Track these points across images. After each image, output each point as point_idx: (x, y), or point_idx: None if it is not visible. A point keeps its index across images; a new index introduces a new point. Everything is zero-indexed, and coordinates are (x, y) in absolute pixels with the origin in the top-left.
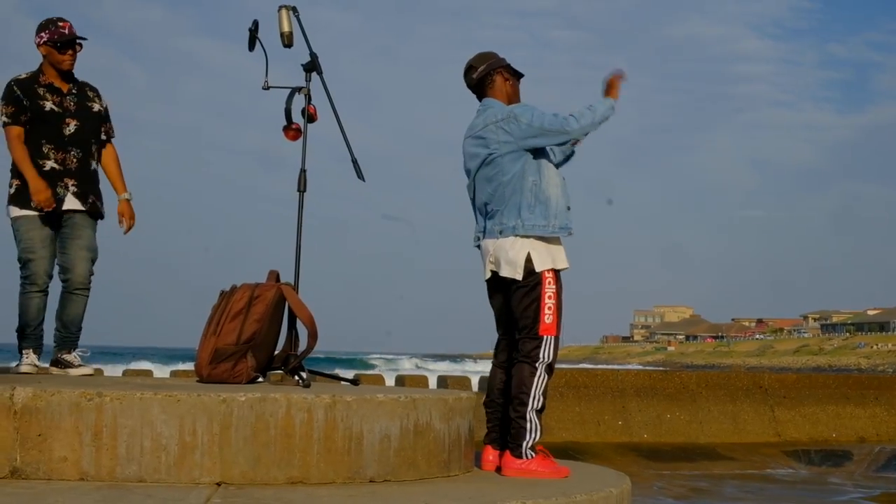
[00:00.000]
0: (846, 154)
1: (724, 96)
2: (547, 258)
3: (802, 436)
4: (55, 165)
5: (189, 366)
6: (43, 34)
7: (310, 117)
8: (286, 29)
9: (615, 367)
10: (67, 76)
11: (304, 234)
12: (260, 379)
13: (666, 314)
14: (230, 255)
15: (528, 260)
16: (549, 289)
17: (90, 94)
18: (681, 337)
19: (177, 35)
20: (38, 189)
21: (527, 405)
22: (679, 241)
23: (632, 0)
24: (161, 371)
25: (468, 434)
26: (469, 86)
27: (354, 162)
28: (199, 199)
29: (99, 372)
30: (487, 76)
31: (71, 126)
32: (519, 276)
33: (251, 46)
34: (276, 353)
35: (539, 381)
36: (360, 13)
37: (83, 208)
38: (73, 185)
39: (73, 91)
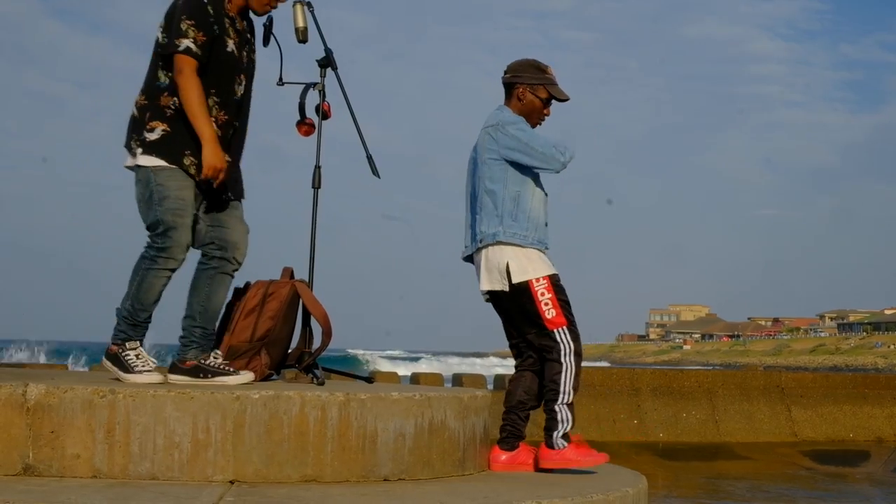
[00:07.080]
0: (859, 153)
1: (737, 97)
2: (526, 269)
3: (819, 435)
4: (217, 129)
5: None
6: None
7: (324, 114)
8: (301, 24)
9: (631, 366)
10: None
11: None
12: (274, 376)
13: (682, 313)
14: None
15: (508, 270)
16: (538, 287)
17: (252, 40)
18: (696, 336)
19: None
20: (216, 155)
21: (556, 400)
22: (693, 240)
23: (645, 1)
24: None
25: (483, 433)
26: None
27: (369, 158)
28: None
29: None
30: (510, 85)
31: (242, 85)
32: (506, 287)
33: (265, 42)
34: (291, 350)
35: (567, 373)
36: (374, 14)
37: (232, 197)
38: (227, 161)
39: (248, 36)
